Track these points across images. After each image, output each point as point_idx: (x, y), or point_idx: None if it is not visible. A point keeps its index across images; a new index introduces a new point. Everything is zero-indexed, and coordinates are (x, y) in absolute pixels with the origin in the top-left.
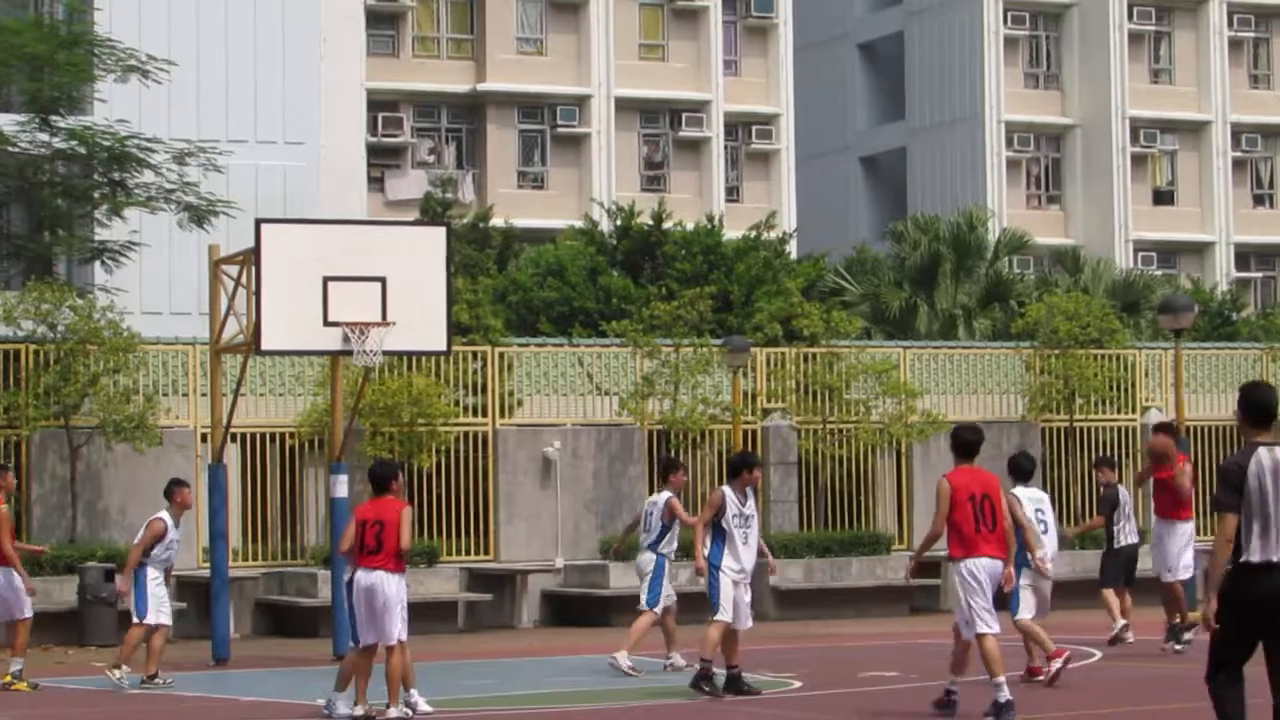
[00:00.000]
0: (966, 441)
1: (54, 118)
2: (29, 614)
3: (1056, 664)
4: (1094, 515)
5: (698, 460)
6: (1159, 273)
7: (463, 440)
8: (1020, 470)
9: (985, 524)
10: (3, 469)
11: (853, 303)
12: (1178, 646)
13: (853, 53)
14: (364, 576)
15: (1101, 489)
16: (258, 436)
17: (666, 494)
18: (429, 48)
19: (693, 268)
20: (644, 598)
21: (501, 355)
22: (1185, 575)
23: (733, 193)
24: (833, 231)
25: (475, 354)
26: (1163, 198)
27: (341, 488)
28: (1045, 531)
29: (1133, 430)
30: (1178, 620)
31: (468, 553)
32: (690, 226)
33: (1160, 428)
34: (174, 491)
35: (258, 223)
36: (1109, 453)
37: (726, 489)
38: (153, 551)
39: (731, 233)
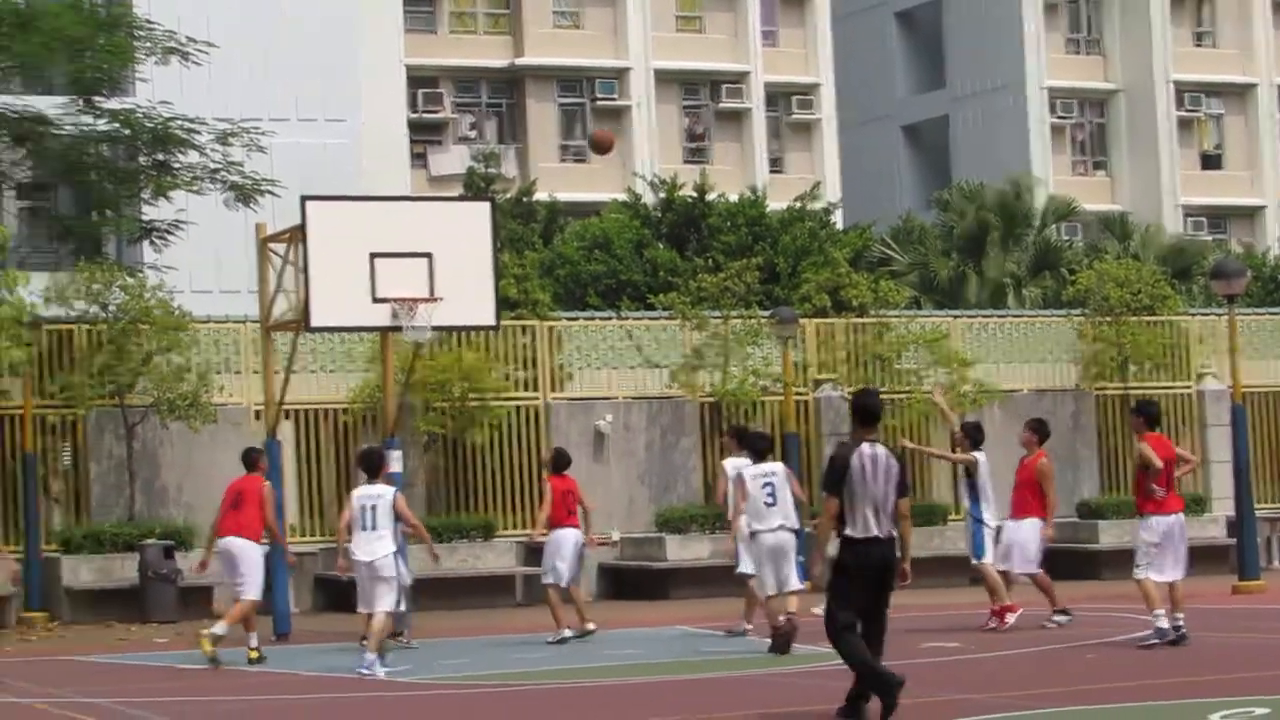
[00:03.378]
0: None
1: (97, 100)
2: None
3: None
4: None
5: None
6: (1209, 238)
7: (514, 415)
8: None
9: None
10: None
11: (900, 272)
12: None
13: (891, 21)
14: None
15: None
16: (311, 413)
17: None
18: (466, 23)
19: (738, 239)
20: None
21: (551, 329)
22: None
23: (775, 163)
24: (877, 201)
25: (524, 328)
26: (1210, 162)
27: (396, 463)
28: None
29: (1188, 397)
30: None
31: (523, 526)
32: (733, 198)
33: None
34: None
35: (303, 200)
36: (1165, 420)
37: None
38: None
39: (775, 204)
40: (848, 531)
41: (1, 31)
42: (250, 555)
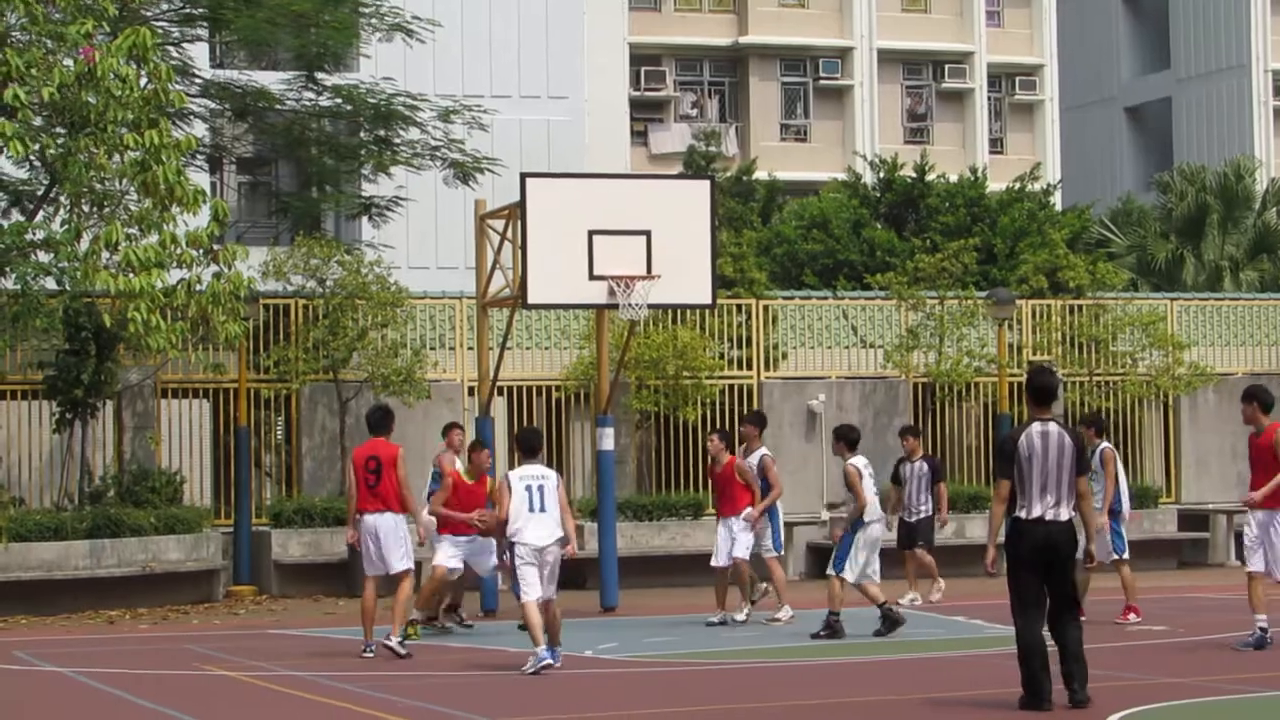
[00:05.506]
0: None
1: (319, 76)
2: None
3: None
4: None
5: (962, 413)
6: None
7: (727, 393)
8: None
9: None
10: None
11: (1118, 254)
12: None
13: (1116, 2)
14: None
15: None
16: (524, 389)
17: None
18: (690, 1)
19: (956, 220)
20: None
21: (766, 308)
22: None
23: (996, 144)
24: (1097, 182)
25: (740, 307)
26: None
27: (608, 440)
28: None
29: None
30: None
31: None
32: (953, 179)
33: None
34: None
35: (523, 177)
36: None
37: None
38: None
39: (995, 185)
40: (1016, 513)
41: (227, 6)
42: None
